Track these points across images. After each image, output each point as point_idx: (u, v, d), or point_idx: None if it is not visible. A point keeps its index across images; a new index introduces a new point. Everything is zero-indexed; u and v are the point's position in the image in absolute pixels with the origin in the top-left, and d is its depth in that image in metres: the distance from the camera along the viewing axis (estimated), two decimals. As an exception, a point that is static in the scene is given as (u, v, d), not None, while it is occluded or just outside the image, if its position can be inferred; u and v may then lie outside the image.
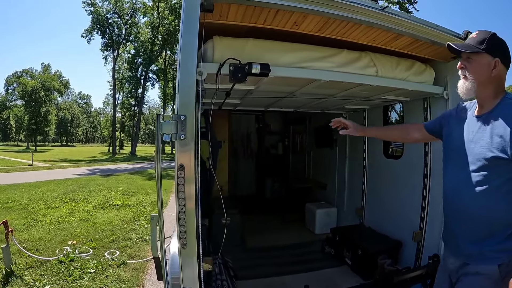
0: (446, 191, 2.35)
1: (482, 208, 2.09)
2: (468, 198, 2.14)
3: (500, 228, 2.07)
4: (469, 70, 2.19)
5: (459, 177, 2.22)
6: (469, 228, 2.15)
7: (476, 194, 2.11)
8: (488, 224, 2.09)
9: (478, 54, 2.16)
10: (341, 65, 3.34)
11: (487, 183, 2.08)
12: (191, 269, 2.34)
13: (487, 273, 2.08)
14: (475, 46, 2.16)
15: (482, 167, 2.10)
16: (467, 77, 2.19)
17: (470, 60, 2.19)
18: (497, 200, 2.06)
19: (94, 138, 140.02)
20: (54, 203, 11.41)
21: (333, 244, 5.70)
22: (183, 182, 2.22)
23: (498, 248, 2.06)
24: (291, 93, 4.27)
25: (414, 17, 3.27)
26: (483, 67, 2.16)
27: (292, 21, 2.92)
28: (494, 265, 2.05)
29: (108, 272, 5.56)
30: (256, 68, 2.75)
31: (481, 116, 2.21)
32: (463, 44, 2.24)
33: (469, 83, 2.18)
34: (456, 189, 2.23)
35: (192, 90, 2.28)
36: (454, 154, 2.32)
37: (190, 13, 2.32)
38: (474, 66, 2.18)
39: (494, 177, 2.06)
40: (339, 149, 7.23)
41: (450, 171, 2.33)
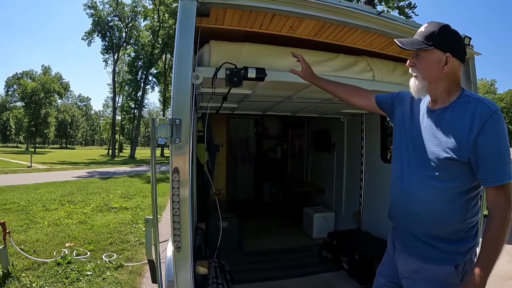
0: (395, 187, 2.26)
1: (433, 211, 2.03)
2: (422, 198, 2.07)
3: (455, 230, 2.03)
4: (419, 68, 2.06)
5: (411, 175, 2.14)
6: (427, 230, 2.08)
7: (427, 197, 2.05)
8: (444, 227, 2.04)
9: (426, 51, 2.01)
10: (337, 69, 3.35)
11: (440, 186, 2.01)
12: (185, 272, 2.34)
13: (444, 274, 2.05)
14: (422, 42, 2.01)
15: (436, 168, 2.01)
16: (417, 76, 2.07)
17: (419, 58, 2.05)
18: (450, 203, 2.00)
19: (93, 140, 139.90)
20: (52, 205, 11.40)
21: (330, 249, 5.69)
22: (177, 186, 2.22)
23: (454, 250, 2.03)
24: (288, 97, 4.28)
25: (411, 21, 3.24)
26: (433, 64, 2.01)
27: (288, 26, 2.94)
28: (451, 266, 2.03)
29: (105, 275, 5.55)
30: (252, 72, 2.76)
31: (435, 111, 2.09)
32: (409, 40, 2.08)
33: (419, 82, 2.07)
34: (409, 188, 2.14)
35: (187, 94, 2.27)
36: (405, 148, 2.22)
37: (186, 17, 2.33)
38: (423, 63, 2.04)
39: (447, 179, 1.99)
40: (337, 153, 7.24)
41: (400, 166, 2.23)
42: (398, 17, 3.20)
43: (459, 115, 1.95)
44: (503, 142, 1.88)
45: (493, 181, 1.88)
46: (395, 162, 2.30)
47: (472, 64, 3.55)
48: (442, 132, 2.00)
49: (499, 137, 1.87)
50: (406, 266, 2.21)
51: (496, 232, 1.87)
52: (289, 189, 9.36)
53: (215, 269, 4.11)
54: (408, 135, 2.20)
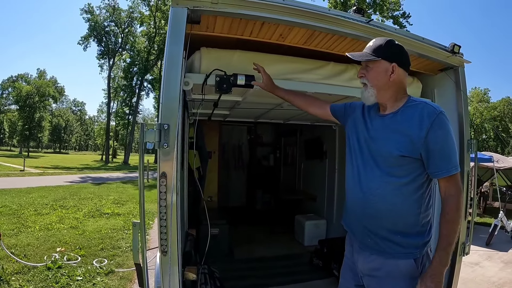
0: (353, 188, 2.37)
1: (391, 206, 2.16)
2: (377, 196, 2.19)
3: (411, 224, 2.17)
4: (368, 78, 2.24)
5: (367, 176, 2.26)
6: (385, 226, 2.18)
7: (384, 192, 2.17)
8: (401, 222, 2.17)
9: (375, 62, 2.21)
10: (327, 77, 3.39)
11: (395, 181, 2.15)
12: (172, 277, 2.36)
13: (406, 268, 2.17)
14: (370, 54, 2.21)
15: (390, 165, 2.16)
16: (367, 85, 2.24)
17: (369, 68, 2.24)
18: (405, 198, 2.15)
19: (87, 146, 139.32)
20: (44, 209, 11.37)
21: (321, 256, 5.72)
22: (164, 190, 2.24)
23: (413, 244, 2.16)
24: (278, 104, 4.31)
25: (400, 30, 3.31)
26: (380, 73, 2.21)
27: (278, 34, 2.96)
28: (410, 260, 2.16)
29: (96, 280, 5.53)
30: (241, 79, 2.80)
31: (385, 115, 2.26)
32: (359, 53, 2.28)
33: (369, 91, 2.24)
34: (366, 187, 2.26)
35: (176, 100, 2.30)
36: (360, 149, 2.35)
37: (176, 24, 2.37)
38: (372, 73, 2.23)
39: (401, 174, 2.14)
40: (328, 161, 7.30)
41: (356, 167, 2.36)
42: (387, 25, 3.23)
43: (408, 117, 2.13)
44: (449, 138, 2.07)
45: (444, 172, 2.07)
46: (350, 165, 2.45)
47: (462, 72, 3.65)
48: (394, 133, 2.16)
49: (446, 134, 2.06)
50: (367, 264, 2.29)
51: (453, 216, 2.06)
52: (281, 196, 9.41)
53: (204, 275, 4.11)
54: (362, 139, 2.34)
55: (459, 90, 3.63)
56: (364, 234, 2.30)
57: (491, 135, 76.73)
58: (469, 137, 3.59)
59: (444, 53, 3.42)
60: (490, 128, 75.63)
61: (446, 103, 3.76)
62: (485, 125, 75.78)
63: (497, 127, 74.51)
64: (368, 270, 2.30)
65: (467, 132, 3.58)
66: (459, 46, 3.39)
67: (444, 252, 2.06)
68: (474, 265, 7.41)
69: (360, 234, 2.34)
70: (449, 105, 3.73)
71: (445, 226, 2.07)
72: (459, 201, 2.08)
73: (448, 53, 3.41)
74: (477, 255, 8.12)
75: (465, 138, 3.55)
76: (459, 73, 3.64)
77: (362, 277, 2.36)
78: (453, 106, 3.70)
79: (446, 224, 2.07)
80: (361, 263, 2.34)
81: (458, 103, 3.66)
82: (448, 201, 2.09)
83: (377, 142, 2.24)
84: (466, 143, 3.53)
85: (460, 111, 3.64)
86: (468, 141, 3.55)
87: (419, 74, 4.09)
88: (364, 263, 2.31)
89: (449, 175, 2.07)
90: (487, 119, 73.77)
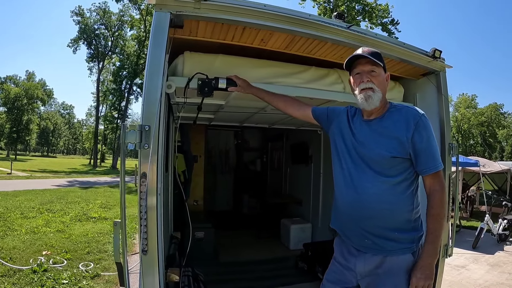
0: (346, 190, 2.43)
1: (386, 204, 2.26)
2: (372, 195, 2.28)
3: (405, 220, 2.29)
4: (375, 82, 2.30)
5: (360, 177, 2.34)
6: (382, 224, 2.27)
7: (378, 191, 2.27)
8: (396, 219, 2.28)
9: (380, 68, 2.33)
10: (309, 81, 3.45)
11: (387, 181, 2.27)
12: (151, 276, 2.38)
13: (405, 263, 2.28)
14: (376, 60, 2.29)
15: (382, 166, 2.28)
16: (374, 89, 2.29)
17: (375, 74, 2.31)
18: (398, 195, 2.28)
19: (75, 149, 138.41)
20: (31, 213, 11.33)
21: (306, 259, 5.76)
22: (145, 190, 2.27)
23: (409, 239, 2.28)
24: (262, 108, 4.36)
25: (381, 35, 3.36)
26: (383, 79, 2.36)
27: (259, 38, 3.01)
28: (409, 254, 2.28)
29: (81, 284, 5.53)
30: (223, 83, 2.85)
31: (372, 120, 2.38)
32: (371, 56, 2.31)
33: (377, 95, 2.30)
34: (361, 188, 2.33)
35: (157, 102, 2.34)
36: (349, 153, 2.43)
37: (159, 28, 2.42)
38: (379, 78, 2.32)
39: (394, 174, 2.27)
40: (314, 165, 7.34)
41: (347, 170, 2.43)
42: (368, 30, 3.31)
43: (394, 121, 2.30)
44: (432, 138, 2.26)
45: (430, 169, 2.25)
46: (339, 169, 2.53)
47: (443, 76, 3.72)
48: (382, 136, 2.30)
49: (429, 134, 2.25)
50: (368, 265, 2.34)
51: (438, 211, 2.24)
52: (267, 201, 9.42)
53: (188, 278, 4.12)
54: (349, 143, 2.44)
55: (440, 94, 3.70)
56: (361, 236, 2.36)
57: (478, 141, 77.38)
58: (450, 141, 3.66)
59: (425, 58, 3.49)
60: (478, 134, 76.29)
61: (427, 107, 3.79)
62: (473, 131, 76.42)
63: (484, 132, 75.16)
64: (369, 271, 2.35)
65: (448, 135, 3.66)
66: (440, 51, 3.46)
67: (432, 245, 2.22)
68: (461, 268, 7.53)
69: (357, 237, 2.39)
70: (431, 109, 3.78)
71: (431, 220, 2.24)
72: (443, 195, 2.27)
73: (429, 58, 3.47)
74: (464, 258, 8.26)
75: (446, 141, 3.62)
76: (440, 77, 3.71)
77: (360, 279, 2.41)
78: (434, 110, 3.76)
79: (432, 218, 2.24)
80: (361, 266, 2.38)
81: (440, 107, 3.73)
82: (434, 196, 2.25)
83: (367, 146, 2.35)
84: (448, 146, 3.60)
85: (441, 114, 3.70)
86: (449, 144, 3.62)
87: (401, 79, 4.16)
88: (365, 265, 2.36)
89: (435, 171, 2.25)
90: (474, 125, 74.39)
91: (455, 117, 78.63)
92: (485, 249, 9.08)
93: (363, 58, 2.31)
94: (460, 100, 79.70)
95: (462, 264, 7.79)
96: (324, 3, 22.97)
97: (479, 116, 74.48)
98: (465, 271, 7.33)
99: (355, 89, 2.38)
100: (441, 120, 3.71)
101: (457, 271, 7.29)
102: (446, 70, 3.72)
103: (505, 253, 8.93)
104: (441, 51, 3.48)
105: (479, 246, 9.19)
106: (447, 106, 3.75)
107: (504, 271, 7.43)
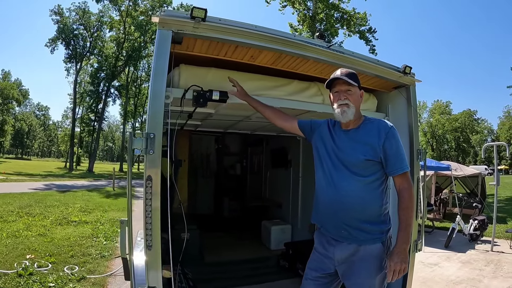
0: (327, 188, 2.83)
1: (360, 199, 2.67)
2: (348, 191, 2.69)
3: (376, 214, 2.71)
4: (351, 100, 2.74)
5: (339, 177, 2.75)
6: (356, 217, 2.67)
7: (354, 188, 2.69)
8: (368, 213, 2.69)
9: (355, 87, 2.77)
10: (292, 93, 3.77)
11: (361, 180, 2.69)
12: (155, 269, 2.64)
13: (376, 251, 2.69)
14: (352, 82, 2.73)
15: (357, 168, 2.70)
16: (349, 105, 2.74)
17: (351, 92, 2.76)
18: (370, 192, 2.70)
19: (50, 152, 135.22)
20: (10, 216, 11.25)
21: (287, 258, 6.03)
22: (150, 191, 2.55)
23: (379, 230, 2.71)
24: (247, 116, 4.68)
25: (357, 53, 3.65)
26: (358, 97, 2.82)
27: (249, 55, 3.31)
28: (378, 243, 2.70)
29: (68, 286, 5.59)
30: (216, 95, 3.19)
31: (349, 130, 2.82)
32: (347, 78, 2.73)
33: (351, 110, 2.75)
34: (340, 186, 2.73)
35: (161, 111, 2.64)
36: (330, 158, 2.84)
37: (162, 43, 2.70)
38: (354, 96, 2.77)
39: (367, 174, 2.69)
40: (293, 169, 7.62)
41: (328, 172, 2.83)
42: (346, 50, 3.60)
43: (368, 131, 2.77)
44: (399, 145, 2.71)
45: (399, 170, 2.68)
46: (321, 171, 2.92)
47: (413, 90, 4.07)
48: (358, 143, 2.74)
49: (397, 142, 2.70)
50: (344, 253, 2.74)
51: (408, 204, 2.66)
52: (248, 204, 9.66)
53: (179, 275, 4.36)
54: (330, 149, 2.86)
55: (410, 106, 4.04)
56: (338, 227, 2.75)
57: (452, 146, 78.62)
58: (418, 147, 3.97)
59: (396, 74, 3.82)
60: (452, 139, 77.53)
61: (398, 117, 4.20)
62: (447, 136, 77.63)
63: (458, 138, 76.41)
64: (345, 258, 2.74)
65: (416, 142, 3.99)
66: (410, 68, 3.79)
67: (405, 232, 2.61)
68: (434, 266, 7.77)
69: (335, 228, 2.79)
70: (401, 119, 4.15)
71: (402, 212, 2.65)
72: (411, 192, 2.70)
73: (400, 73, 3.81)
74: (437, 257, 8.51)
75: (414, 147, 3.95)
76: (410, 91, 4.05)
77: (338, 265, 2.80)
78: (404, 120, 4.11)
79: (403, 210, 2.65)
80: (339, 254, 2.77)
81: (409, 117, 4.07)
82: (403, 193, 2.69)
83: (345, 151, 2.77)
84: (416, 152, 3.92)
85: (410, 124, 4.04)
86: (418, 150, 3.94)
87: (375, 91, 4.48)
88: (342, 253, 2.75)
89: (403, 172, 2.68)
90: (448, 130, 75.60)
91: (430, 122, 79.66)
92: (457, 248, 9.37)
93: (341, 80, 2.73)
94: (435, 106, 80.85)
95: (435, 262, 8.05)
96: (303, 10, 23.11)
97: (453, 122, 75.66)
98: (438, 268, 7.60)
99: (333, 104, 2.80)
100: (410, 128, 4.05)
101: (430, 268, 7.55)
102: (415, 84, 4.06)
103: (476, 251, 9.21)
104: (411, 67, 3.81)
105: (452, 246, 9.48)
106: (416, 116, 4.08)
107: (475, 267, 7.69)
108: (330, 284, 2.92)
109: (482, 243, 10.14)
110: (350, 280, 2.76)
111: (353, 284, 2.75)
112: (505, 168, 74.41)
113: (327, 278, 2.90)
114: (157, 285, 2.66)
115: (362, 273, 2.69)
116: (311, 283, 2.95)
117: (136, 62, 53.50)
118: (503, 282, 6.72)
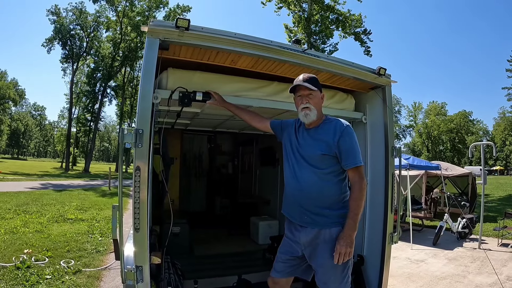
0: (291, 180, 3.20)
1: (317, 188, 3.04)
2: (310, 182, 3.06)
3: (335, 201, 3.06)
4: (312, 103, 3.09)
5: (300, 170, 3.13)
6: (315, 204, 3.03)
7: (312, 179, 3.06)
8: (326, 200, 3.04)
9: (316, 92, 3.10)
10: (271, 94, 4.09)
11: (319, 172, 3.05)
12: (142, 250, 2.94)
13: (336, 234, 3.00)
14: (314, 86, 3.07)
15: (315, 161, 3.06)
16: (310, 108, 3.08)
17: (312, 96, 3.09)
18: (328, 182, 3.05)
19: (46, 152, 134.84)
20: (7, 214, 11.53)
21: (273, 251, 6.29)
22: (139, 180, 2.88)
23: (338, 215, 3.04)
24: (231, 116, 5.00)
25: (332, 57, 3.98)
26: (319, 100, 3.16)
27: (230, 59, 3.62)
28: (339, 227, 3.02)
29: (64, 279, 5.84)
30: (199, 95, 3.55)
31: (311, 129, 3.18)
32: (311, 83, 3.08)
33: (313, 112, 3.10)
34: (301, 178, 3.11)
35: (149, 110, 2.97)
36: (293, 154, 3.22)
37: (150, 50, 3.03)
38: (315, 100, 3.11)
39: (323, 167, 3.05)
40: (280, 167, 7.71)
41: (292, 166, 3.21)
42: (321, 54, 3.86)
43: (326, 129, 3.11)
44: (353, 142, 3.03)
45: (350, 164, 3.00)
46: (287, 165, 3.30)
47: (389, 90, 4.35)
48: (316, 140, 3.11)
49: (351, 139, 3.02)
50: (308, 236, 3.10)
51: (357, 195, 2.96)
52: (238, 201, 9.89)
53: (167, 263, 4.64)
54: (294, 146, 3.25)
55: (385, 105, 4.32)
56: (301, 213, 3.12)
57: (448, 146, 78.70)
58: (393, 144, 4.25)
59: (371, 75, 4.09)
60: (447, 140, 77.63)
61: (375, 116, 4.53)
62: (443, 137, 77.67)
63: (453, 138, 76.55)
64: (309, 241, 3.09)
65: (391, 139, 4.26)
66: (384, 69, 4.07)
67: (352, 220, 2.93)
68: (420, 262, 8.08)
69: (298, 215, 3.15)
70: (378, 117, 4.46)
71: (352, 202, 2.98)
72: (361, 185, 2.98)
73: (375, 75, 4.08)
74: (424, 254, 8.83)
75: (389, 144, 4.23)
76: (385, 91, 4.33)
77: (304, 249, 3.16)
78: (380, 119, 4.40)
79: (353, 201, 2.97)
80: (304, 238, 3.13)
81: (384, 116, 4.34)
82: (354, 185, 3.00)
83: (305, 147, 3.15)
84: (391, 149, 4.20)
85: (386, 122, 4.31)
86: (392, 147, 4.22)
87: (352, 92, 4.74)
88: (306, 237, 3.10)
89: (355, 166, 3.00)
90: (444, 131, 75.66)
91: (425, 123, 79.84)
92: (445, 246, 9.69)
93: (302, 85, 3.08)
94: (430, 107, 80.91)
95: (421, 259, 8.35)
96: (298, 12, 23.27)
97: (449, 123, 75.65)
98: (423, 265, 7.89)
99: (298, 107, 3.16)
100: (385, 126, 4.32)
101: (416, 265, 7.85)
102: (391, 84, 4.33)
103: (464, 249, 9.51)
104: (386, 69, 4.09)
105: (440, 243, 9.80)
106: (391, 115, 4.35)
107: (461, 264, 7.98)
108: (299, 266, 3.30)
109: (471, 241, 10.44)
110: (315, 261, 3.11)
111: (318, 265, 3.10)
112: (500, 169, 74.86)
113: (296, 260, 3.27)
114: (143, 265, 2.94)
115: (325, 254, 3.01)
116: (281, 265, 3.35)
117: (133, 63, 53.50)
118: (487, 278, 6.95)
